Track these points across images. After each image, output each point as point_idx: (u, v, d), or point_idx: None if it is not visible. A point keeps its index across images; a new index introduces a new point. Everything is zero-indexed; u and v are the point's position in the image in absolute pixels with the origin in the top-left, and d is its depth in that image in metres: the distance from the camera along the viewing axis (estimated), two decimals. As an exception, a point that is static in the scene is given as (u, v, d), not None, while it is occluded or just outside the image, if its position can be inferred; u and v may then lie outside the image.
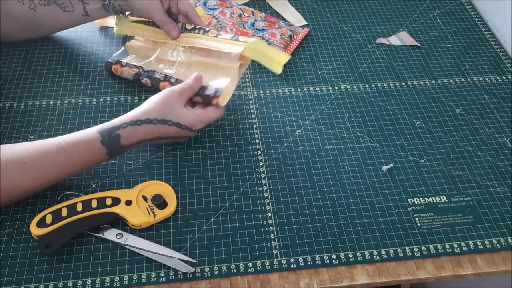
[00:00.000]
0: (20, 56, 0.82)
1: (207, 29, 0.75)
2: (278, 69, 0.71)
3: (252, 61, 0.84)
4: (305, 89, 0.80)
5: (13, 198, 0.58)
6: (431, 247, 0.61)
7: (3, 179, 0.55)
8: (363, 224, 0.63)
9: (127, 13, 0.80)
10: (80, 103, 0.76)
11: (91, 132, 0.60)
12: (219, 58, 0.71)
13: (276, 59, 0.71)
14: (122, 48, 0.80)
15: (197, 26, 0.76)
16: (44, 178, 0.58)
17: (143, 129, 0.62)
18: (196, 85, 0.68)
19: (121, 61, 0.77)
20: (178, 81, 0.71)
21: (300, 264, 0.59)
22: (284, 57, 0.72)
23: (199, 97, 0.68)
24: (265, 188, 0.66)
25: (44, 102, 0.75)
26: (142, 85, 0.77)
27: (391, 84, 0.82)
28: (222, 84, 0.68)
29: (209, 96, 0.67)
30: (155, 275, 0.57)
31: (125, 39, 0.85)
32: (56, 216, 0.58)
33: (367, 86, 0.81)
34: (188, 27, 0.76)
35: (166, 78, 0.73)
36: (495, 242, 0.62)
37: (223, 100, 0.67)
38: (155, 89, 0.73)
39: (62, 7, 0.77)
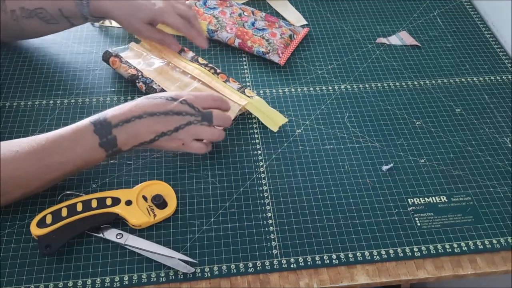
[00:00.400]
0: (20, 55, 0.82)
1: (218, 70, 0.77)
2: (274, 128, 0.72)
3: (252, 61, 0.84)
4: (305, 89, 0.80)
5: (9, 190, 0.57)
6: (431, 247, 0.61)
7: None
8: (363, 224, 0.63)
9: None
10: (80, 103, 0.76)
11: (91, 138, 0.59)
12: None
13: (274, 120, 0.73)
14: (126, 46, 0.80)
15: (209, 65, 0.78)
16: (36, 169, 0.57)
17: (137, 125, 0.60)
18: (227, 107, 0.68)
19: (121, 56, 0.78)
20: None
21: (300, 264, 0.59)
22: (282, 119, 0.73)
23: None
24: (265, 188, 0.66)
25: (44, 102, 0.75)
26: (135, 86, 0.77)
27: (391, 84, 0.82)
28: None
29: None
30: (155, 275, 0.57)
31: (131, 38, 0.85)
32: (56, 216, 0.58)
33: (367, 86, 0.81)
34: (201, 61, 0.78)
35: (162, 91, 0.73)
36: (495, 242, 0.62)
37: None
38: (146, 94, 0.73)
39: (45, 20, 0.74)
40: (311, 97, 0.79)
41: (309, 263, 0.59)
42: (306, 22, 0.92)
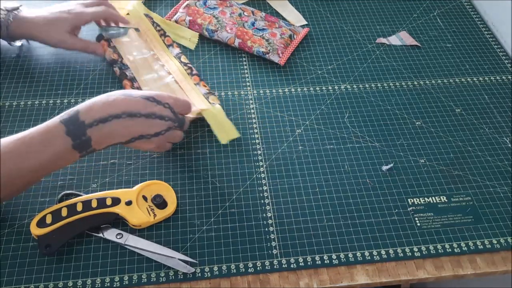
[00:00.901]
0: (20, 54, 0.82)
1: (194, 71, 0.78)
2: (223, 140, 0.69)
3: (252, 61, 0.84)
4: (305, 89, 0.80)
5: None
6: (431, 247, 0.61)
7: None
8: (363, 224, 0.63)
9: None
10: (80, 103, 0.75)
11: (62, 141, 0.55)
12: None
13: (227, 132, 0.69)
14: (123, 31, 0.82)
15: (188, 64, 0.78)
16: (6, 173, 0.53)
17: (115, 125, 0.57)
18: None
19: (111, 42, 0.80)
20: (139, 88, 0.75)
21: (300, 264, 0.59)
22: (234, 134, 0.70)
23: None
24: (265, 188, 0.66)
25: (44, 101, 0.75)
26: (111, 70, 0.79)
27: (391, 84, 0.82)
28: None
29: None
30: (155, 275, 0.57)
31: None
32: (56, 216, 0.58)
33: (367, 86, 0.81)
34: (183, 59, 0.79)
35: (133, 80, 0.76)
36: (495, 242, 0.62)
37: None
38: (119, 81, 0.77)
39: None
40: (311, 97, 0.79)
41: (309, 263, 0.59)
42: (306, 22, 0.92)
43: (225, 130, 0.69)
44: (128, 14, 0.85)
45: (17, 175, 0.54)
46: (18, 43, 0.83)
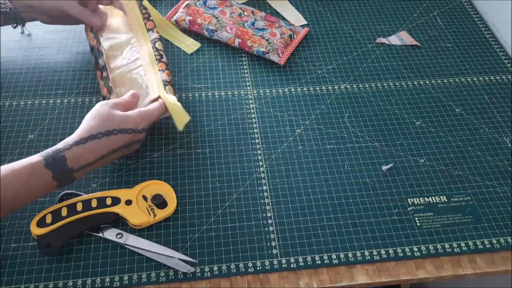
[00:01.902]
0: (20, 55, 0.82)
1: (163, 59, 0.74)
2: (179, 126, 0.67)
3: (252, 60, 0.84)
4: (305, 89, 0.80)
5: None
6: (431, 247, 0.61)
7: None
8: (363, 224, 0.63)
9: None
10: (80, 102, 0.76)
11: (34, 157, 0.55)
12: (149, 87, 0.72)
13: (180, 118, 0.67)
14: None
15: (161, 51, 0.75)
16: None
17: (90, 146, 0.58)
18: (133, 101, 0.67)
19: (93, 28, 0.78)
20: (107, 78, 0.73)
21: (300, 264, 0.59)
22: (185, 118, 0.67)
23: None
24: (265, 188, 0.66)
25: (43, 101, 0.75)
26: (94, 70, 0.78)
27: (391, 84, 0.82)
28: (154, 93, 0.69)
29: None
30: (155, 275, 0.57)
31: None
32: (56, 215, 0.58)
33: (367, 86, 0.81)
34: (158, 46, 0.76)
35: (103, 69, 0.74)
36: (495, 242, 0.62)
37: (164, 96, 0.67)
38: (94, 70, 0.76)
39: None
40: (311, 97, 0.79)
41: (309, 263, 0.59)
42: (306, 22, 0.92)
43: (176, 116, 0.67)
44: None
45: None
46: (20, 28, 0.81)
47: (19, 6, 0.74)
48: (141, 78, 0.72)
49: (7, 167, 0.54)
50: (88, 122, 0.60)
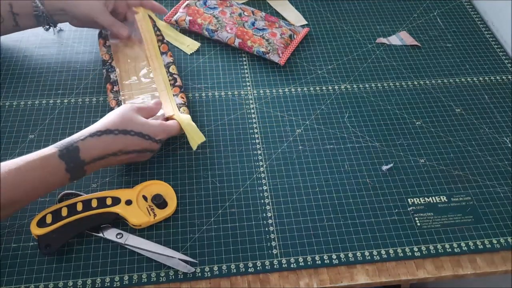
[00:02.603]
0: (20, 55, 0.82)
1: (177, 83, 0.76)
2: (193, 146, 0.68)
3: (252, 61, 0.84)
4: (305, 89, 0.80)
5: None
6: (431, 247, 0.61)
7: None
8: (363, 224, 0.63)
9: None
10: (80, 102, 0.76)
11: (49, 148, 0.56)
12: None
13: (194, 138, 0.68)
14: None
15: (174, 75, 0.76)
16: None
17: (104, 140, 0.58)
18: (156, 108, 0.68)
19: (107, 41, 0.80)
20: (118, 92, 0.74)
21: (300, 264, 0.59)
22: (200, 138, 0.68)
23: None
24: (265, 188, 0.66)
25: (44, 101, 0.75)
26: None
27: (391, 84, 0.82)
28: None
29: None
30: (155, 275, 0.57)
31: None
32: (56, 216, 0.58)
33: (367, 86, 0.81)
34: (172, 70, 0.77)
35: (113, 83, 0.75)
36: (495, 242, 0.62)
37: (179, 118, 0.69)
38: (104, 84, 0.76)
39: None
40: (311, 97, 0.79)
41: (309, 263, 0.59)
42: (306, 22, 0.92)
43: (191, 136, 0.68)
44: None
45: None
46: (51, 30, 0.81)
47: (51, 9, 0.75)
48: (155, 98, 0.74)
49: (22, 159, 0.55)
50: (108, 118, 0.61)
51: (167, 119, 0.69)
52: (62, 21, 0.78)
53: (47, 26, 0.78)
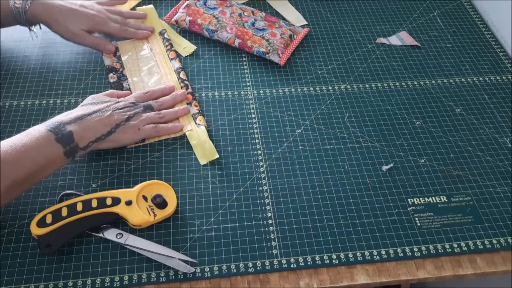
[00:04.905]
0: (20, 55, 0.82)
1: (189, 90, 0.77)
2: (202, 162, 0.69)
3: (252, 61, 0.84)
4: (305, 89, 0.80)
5: None
6: (431, 247, 0.61)
7: None
8: (363, 224, 0.63)
9: None
10: (80, 103, 0.75)
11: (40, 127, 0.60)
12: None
13: (206, 153, 0.69)
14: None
15: (186, 81, 0.78)
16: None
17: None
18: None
19: (118, 51, 0.82)
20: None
21: (300, 264, 0.59)
22: (213, 155, 0.69)
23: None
24: (265, 188, 0.66)
25: (44, 101, 0.75)
26: (107, 76, 0.79)
27: (391, 84, 0.82)
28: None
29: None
30: (155, 275, 0.57)
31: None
32: (56, 216, 0.58)
33: (367, 86, 0.81)
34: (182, 76, 0.79)
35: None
36: (495, 242, 0.62)
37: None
38: (113, 88, 0.77)
39: None
40: (311, 97, 0.79)
41: (309, 263, 0.59)
42: (306, 22, 0.92)
43: (204, 152, 0.69)
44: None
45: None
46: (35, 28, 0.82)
47: (32, 18, 0.76)
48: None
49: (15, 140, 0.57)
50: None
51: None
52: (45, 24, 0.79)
53: (31, 27, 0.79)
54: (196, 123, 0.73)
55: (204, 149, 0.69)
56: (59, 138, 0.59)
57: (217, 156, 0.69)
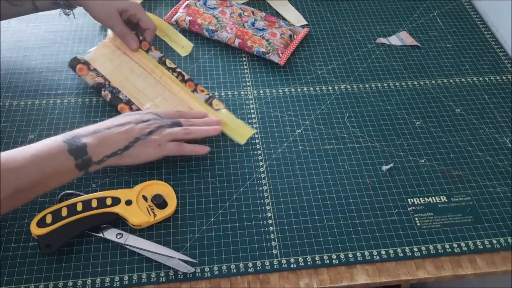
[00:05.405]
0: (20, 55, 0.82)
1: (186, 77, 0.75)
2: (241, 141, 0.70)
3: (252, 61, 0.84)
4: (305, 89, 0.80)
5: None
6: (431, 247, 0.61)
7: None
8: (363, 224, 0.63)
9: None
10: (80, 102, 0.76)
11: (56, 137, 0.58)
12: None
13: (242, 132, 0.70)
14: (93, 48, 0.78)
15: (177, 69, 0.76)
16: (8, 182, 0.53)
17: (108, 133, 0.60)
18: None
19: (89, 64, 0.75)
20: (138, 109, 0.72)
21: (300, 264, 0.59)
22: (249, 131, 0.71)
23: None
24: (265, 188, 0.66)
25: (44, 101, 0.75)
26: (99, 95, 0.75)
27: (391, 84, 0.82)
28: None
29: None
30: (155, 275, 0.57)
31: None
32: (56, 216, 0.58)
33: (367, 86, 0.81)
34: (169, 64, 0.76)
35: (129, 103, 0.72)
36: (495, 242, 0.62)
37: None
38: (112, 106, 0.73)
39: (10, 2, 0.72)
40: (311, 97, 0.79)
41: (309, 263, 0.59)
42: (306, 22, 0.92)
43: (239, 131, 0.70)
44: None
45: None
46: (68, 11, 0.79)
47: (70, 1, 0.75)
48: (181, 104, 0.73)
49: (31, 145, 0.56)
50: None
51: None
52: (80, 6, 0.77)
53: (68, 11, 0.77)
54: (214, 109, 0.72)
55: (238, 129, 0.70)
56: (71, 150, 0.56)
57: (255, 131, 0.70)
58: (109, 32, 0.79)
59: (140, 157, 0.62)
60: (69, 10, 0.77)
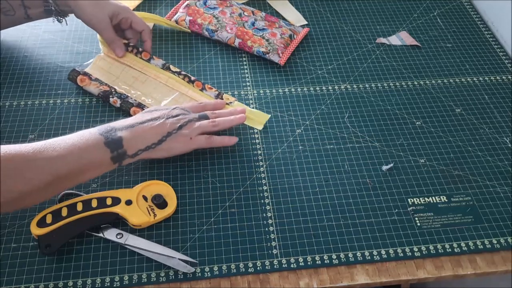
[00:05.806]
0: (20, 55, 0.82)
1: (192, 78, 0.76)
2: (259, 127, 0.73)
3: (252, 61, 0.84)
4: (305, 89, 0.80)
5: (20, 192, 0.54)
6: (431, 247, 0.61)
7: (8, 174, 0.52)
8: (363, 224, 0.63)
9: None
10: (80, 102, 0.76)
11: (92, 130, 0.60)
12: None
13: (258, 119, 0.73)
14: (91, 61, 0.79)
15: (182, 72, 0.77)
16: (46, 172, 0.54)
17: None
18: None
19: (90, 74, 0.76)
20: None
21: (300, 264, 0.59)
22: (265, 117, 0.74)
23: None
24: (265, 188, 0.66)
25: (44, 101, 0.75)
26: (107, 103, 0.75)
27: (391, 84, 0.82)
28: None
29: None
30: (155, 275, 0.57)
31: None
32: (56, 216, 0.58)
33: (367, 86, 0.81)
34: (173, 69, 0.77)
35: (140, 105, 0.73)
36: (495, 242, 0.62)
37: None
38: (124, 111, 0.73)
39: (3, 11, 0.74)
40: (311, 97, 0.79)
41: (309, 263, 0.59)
42: (306, 22, 0.92)
43: (255, 119, 0.73)
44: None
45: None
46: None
47: (61, 6, 0.75)
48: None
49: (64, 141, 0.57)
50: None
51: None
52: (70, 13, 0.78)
53: (60, 18, 0.77)
54: (226, 103, 0.73)
55: (253, 117, 0.72)
56: (108, 142, 0.58)
57: (269, 115, 0.73)
58: (102, 46, 0.79)
59: (172, 150, 0.64)
60: (62, 18, 0.78)
